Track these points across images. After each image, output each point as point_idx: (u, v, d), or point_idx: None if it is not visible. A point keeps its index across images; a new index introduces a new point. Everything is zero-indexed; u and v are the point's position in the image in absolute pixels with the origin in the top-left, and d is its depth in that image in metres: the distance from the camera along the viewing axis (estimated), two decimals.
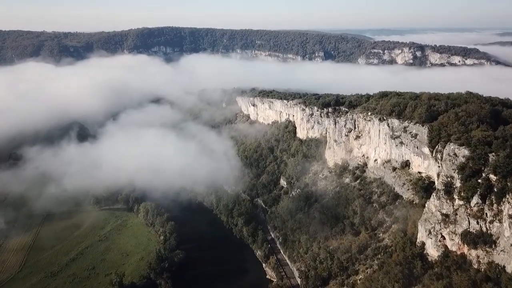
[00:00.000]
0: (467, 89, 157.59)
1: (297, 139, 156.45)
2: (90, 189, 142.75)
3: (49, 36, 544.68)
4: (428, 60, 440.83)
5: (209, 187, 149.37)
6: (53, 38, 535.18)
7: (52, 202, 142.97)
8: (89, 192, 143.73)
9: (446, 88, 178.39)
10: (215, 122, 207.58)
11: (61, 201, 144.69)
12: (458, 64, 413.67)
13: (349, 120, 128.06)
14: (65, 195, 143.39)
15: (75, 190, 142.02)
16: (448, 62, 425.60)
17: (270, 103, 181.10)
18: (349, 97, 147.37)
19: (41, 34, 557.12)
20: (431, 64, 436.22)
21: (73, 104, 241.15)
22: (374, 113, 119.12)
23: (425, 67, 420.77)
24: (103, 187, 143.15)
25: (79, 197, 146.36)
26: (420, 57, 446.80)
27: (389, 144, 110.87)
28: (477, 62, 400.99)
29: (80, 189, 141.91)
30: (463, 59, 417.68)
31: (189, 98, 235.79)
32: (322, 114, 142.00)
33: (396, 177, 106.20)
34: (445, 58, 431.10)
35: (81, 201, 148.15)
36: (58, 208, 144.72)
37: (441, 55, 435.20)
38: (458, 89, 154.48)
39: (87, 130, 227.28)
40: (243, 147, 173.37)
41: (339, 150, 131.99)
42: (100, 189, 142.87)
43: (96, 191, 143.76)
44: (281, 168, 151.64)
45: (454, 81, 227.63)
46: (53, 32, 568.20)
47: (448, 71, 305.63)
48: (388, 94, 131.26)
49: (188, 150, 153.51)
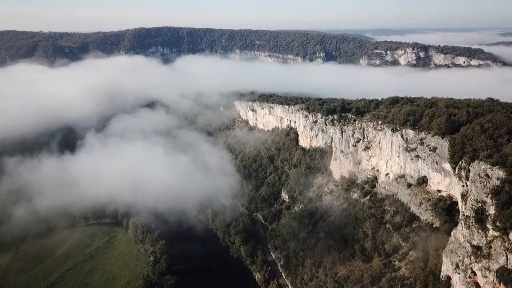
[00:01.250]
0: (478, 92, 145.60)
1: (299, 147, 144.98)
2: (70, 206, 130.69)
3: (44, 37, 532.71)
4: (432, 61, 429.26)
5: (205, 199, 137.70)
6: (48, 39, 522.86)
7: (33, 218, 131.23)
8: (68, 209, 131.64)
9: (458, 92, 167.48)
10: (212, 128, 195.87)
11: (42, 217, 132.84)
12: (463, 65, 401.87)
13: (357, 129, 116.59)
14: (47, 211, 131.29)
15: (55, 206, 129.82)
16: (452, 63, 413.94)
17: (270, 108, 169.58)
18: (356, 102, 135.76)
19: (36, 35, 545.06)
20: (435, 65, 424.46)
21: (64, 108, 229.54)
22: (385, 122, 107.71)
23: (429, 68, 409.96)
24: (84, 205, 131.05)
25: (62, 213, 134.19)
26: (423, 58, 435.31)
27: (403, 157, 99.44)
28: (483, 63, 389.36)
29: (60, 206, 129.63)
30: (468, 60, 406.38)
31: (185, 102, 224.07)
32: (327, 122, 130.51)
33: (411, 195, 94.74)
34: (449, 59, 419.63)
35: (64, 217, 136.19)
36: (39, 224, 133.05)
37: (445, 56, 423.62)
38: (471, 93, 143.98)
39: (78, 135, 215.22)
40: (241, 155, 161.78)
41: (346, 161, 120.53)
42: (81, 206, 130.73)
43: (77, 208, 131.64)
44: (282, 179, 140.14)
45: (464, 84, 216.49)
46: (48, 33, 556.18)
47: (455, 72, 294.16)
48: (399, 100, 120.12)
49: (179, 165, 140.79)
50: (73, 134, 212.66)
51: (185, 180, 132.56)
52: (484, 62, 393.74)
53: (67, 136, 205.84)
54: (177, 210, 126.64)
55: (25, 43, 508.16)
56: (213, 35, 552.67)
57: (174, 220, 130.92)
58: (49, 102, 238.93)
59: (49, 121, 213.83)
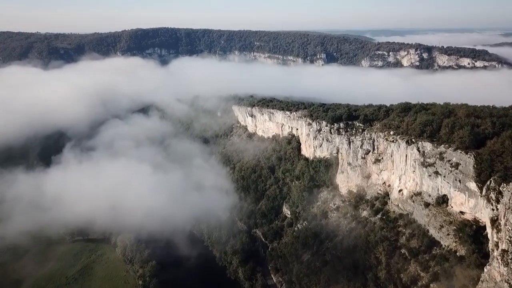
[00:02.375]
0: (492, 96, 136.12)
1: (302, 157, 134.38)
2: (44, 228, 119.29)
3: (39, 38, 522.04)
4: (436, 62, 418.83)
5: (199, 214, 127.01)
6: (43, 40, 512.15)
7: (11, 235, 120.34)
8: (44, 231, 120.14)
9: (470, 96, 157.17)
10: (209, 135, 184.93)
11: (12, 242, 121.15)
12: (467, 67, 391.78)
13: (366, 140, 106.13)
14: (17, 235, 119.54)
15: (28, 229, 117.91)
16: (457, 64, 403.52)
17: (270, 114, 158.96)
18: (363, 109, 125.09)
19: (31, 36, 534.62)
20: (438, 67, 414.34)
21: (54, 113, 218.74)
22: (398, 133, 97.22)
23: (433, 70, 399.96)
24: (59, 228, 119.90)
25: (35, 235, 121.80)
26: (427, 59, 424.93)
27: (419, 172, 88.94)
28: (488, 65, 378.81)
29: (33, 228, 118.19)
30: (472, 61, 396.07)
31: (180, 106, 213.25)
32: (332, 130, 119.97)
33: (430, 216, 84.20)
34: (453, 60, 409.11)
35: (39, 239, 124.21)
36: (18, 242, 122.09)
37: (449, 57, 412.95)
38: (484, 98, 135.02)
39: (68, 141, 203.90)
40: (239, 165, 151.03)
41: (354, 175, 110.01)
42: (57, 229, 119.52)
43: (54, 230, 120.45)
44: (283, 192, 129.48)
45: (474, 87, 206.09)
46: (43, 34, 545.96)
47: (463, 75, 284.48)
48: (412, 107, 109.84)
49: (169, 183, 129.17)
50: (63, 140, 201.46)
51: (176, 199, 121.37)
52: (490, 63, 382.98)
53: (57, 143, 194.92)
54: (169, 227, 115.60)
55: (19, 44, 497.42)
56: (211, 36, 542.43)
57: (166, 238, 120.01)
58: (39, 106, 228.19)
59: (38, 127, 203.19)
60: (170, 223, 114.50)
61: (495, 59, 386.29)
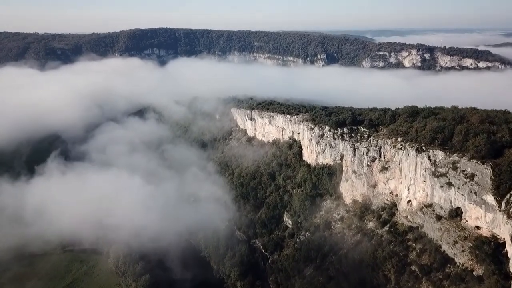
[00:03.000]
0: (501, 99, 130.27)
1: (304, 163, 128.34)
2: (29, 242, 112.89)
3: (36, 38, 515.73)
4: (438, 63, 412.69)
5: (197, 224, 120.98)
6: (40, 40, 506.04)
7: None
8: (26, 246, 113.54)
9: (477, 99, 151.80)
10: (207, 138, 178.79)
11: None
12: (470, 68, 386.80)
13: (372, 147, 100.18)
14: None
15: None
16: (459, 65, 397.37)
17: (270, 117, 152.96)
18: (368, 113, 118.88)
19: (29, 36, 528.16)
20: (441, 67, 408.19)
21: (47, 117, 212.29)
22: (407, 140, 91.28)
23: (435, 71, 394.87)
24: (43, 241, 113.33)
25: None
26: (429, 60, 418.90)
27: (430, 183, 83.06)
28: (491, 65, 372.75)
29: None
30: (475, 61, 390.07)
31: (178, 108, 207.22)
32: (336, 136, 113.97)
33: (443, 230, 78.29)
34: (456, 61, 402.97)
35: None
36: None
37: (451, 58, 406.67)
38: (494, 101, 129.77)
39: (66, 146, 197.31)
40: (238, 171, 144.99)
41: (359, 183, 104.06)
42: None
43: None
44: (284, 200, 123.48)
45: (480, 89, 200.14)
46: (41, 34, 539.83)
47: (467, 76, 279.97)
48: (420, 111, 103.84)
49: (163, 194, 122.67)
50: (57, 145, 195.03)
51: (170, 211, 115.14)
52: (493, 64, 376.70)
53: (50, 148, 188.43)
54: (164, 239, 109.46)
55: (16, 45, 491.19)
56: (211, 37, 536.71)
57: (161, 250, 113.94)
58: (32, 109, 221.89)
59: (30, 131, 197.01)
60: (165, 236, 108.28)
61: (498, 59, 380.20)
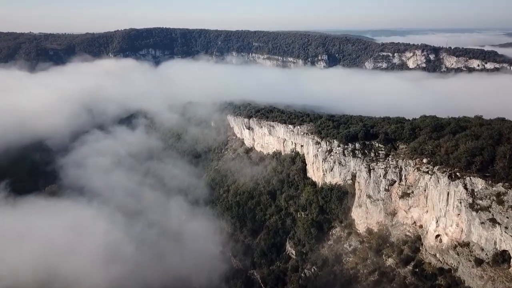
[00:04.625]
0: None
1: (308, 181, 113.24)
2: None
3: (28, 38, 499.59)
4: (443, 64, 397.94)
5: (186, 261, 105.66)
6: (32, 40, 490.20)
7: None
8: None
9: (501, 106, 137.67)
10: (201, 149, 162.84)
11: None
12: (477, 69, 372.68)
13: (391, 168, 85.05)
14: None
15: None
16: (465, 66, 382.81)
17: (270, 127, 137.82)
18: (382, 124, 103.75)
19: (20, 36, 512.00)
20: (446, 69, 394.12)
21: (30, 123, 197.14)
22: (435, 162, 76.19)
23: (441, 72, 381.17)
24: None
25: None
26: (433, 61, 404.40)
27: (466, 217, 67.98)
28: (499, 67, 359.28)
29: None
30: (482, 63, 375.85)
31: (170, 115, 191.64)
32: (346, 152, 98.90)
33: (485, 279, 63.22)
34: (462, 62, 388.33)
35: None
36: None
37: (457, 59, 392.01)
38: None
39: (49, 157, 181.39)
40: (234, 187, 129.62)
41: (375, 210, 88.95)
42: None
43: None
44: (286, 225, 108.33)
45: (498, 93, 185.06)
46: (33, 33, 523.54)
47: (477, 79, 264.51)
48: (444, 124, 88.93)
49: (144, 226, 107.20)
50: (36, 156, 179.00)
51: (148, 255, 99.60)
52: (501, 65, 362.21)
53: (30, 156, 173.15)
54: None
55: (6, 45, 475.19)
56: (208, 37, 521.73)
57: None
58: (16, 115, 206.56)
59: (12, 140, 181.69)
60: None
61: (506, 60, 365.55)
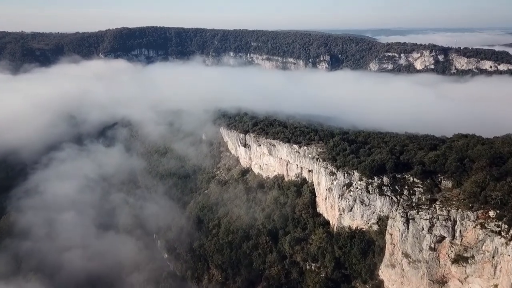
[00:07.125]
0: None
1: (319, 220, 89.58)
2: None
3: (14, 38, 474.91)
4: (453, 65, 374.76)
5: None
6: (18, 40, 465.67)
7: None
8: None
9: None
10: (188, 167, 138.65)
11: None
12: (489, 70, 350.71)
13: (439, 220, 61.48)
14: None
15: None
16: (477, 67, 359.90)
17: (270, 146, 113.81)
18: (415, 149, 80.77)
19: (6, 35, 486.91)
20: (456, 70, 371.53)
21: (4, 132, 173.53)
22: (509, 219, 52.73)
23: (450, 74, 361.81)
24: None
25: None
26: (442, 62, 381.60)
27: None
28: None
29: None
30: (495, 64, 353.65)
31: (155, 126, 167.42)
32: (371, 188, 75.29)
33: None
34: (473, 63, 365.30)
35: None
36: None
37: (468, 60, 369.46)
38: None
39: None
40: (225, 222, 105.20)
41: (415, 274, 65.35)
42: None
43: None
44: (292, 279, 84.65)
45: None
46: (19, 32, 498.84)
47: (497, 82, 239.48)
48: (505, 156, 66.06)
49: None
50: None
51: None
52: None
53: None
54: None
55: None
56: (204, 36, 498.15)
57: None
58: None
59: None
60: None
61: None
